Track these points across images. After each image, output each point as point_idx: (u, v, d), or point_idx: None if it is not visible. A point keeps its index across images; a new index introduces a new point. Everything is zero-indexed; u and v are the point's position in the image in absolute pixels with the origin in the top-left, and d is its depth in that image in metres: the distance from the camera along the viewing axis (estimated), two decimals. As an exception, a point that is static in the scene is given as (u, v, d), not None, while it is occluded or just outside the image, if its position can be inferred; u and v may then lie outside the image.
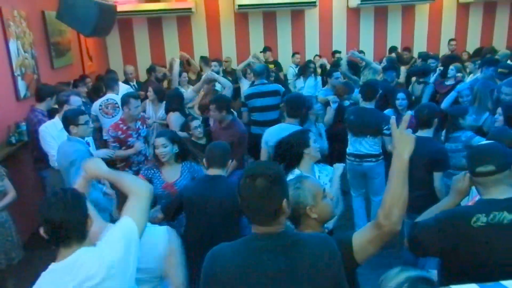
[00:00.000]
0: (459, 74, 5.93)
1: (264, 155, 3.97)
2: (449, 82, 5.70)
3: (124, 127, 4.33)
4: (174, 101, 4.90)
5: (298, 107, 4.03)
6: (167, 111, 4.94)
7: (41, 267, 1.82)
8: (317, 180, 2.53)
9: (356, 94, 5.13)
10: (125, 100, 4.33)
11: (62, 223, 1.70)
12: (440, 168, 3.43)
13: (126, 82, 6.85)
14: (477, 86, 4.66)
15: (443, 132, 4.12)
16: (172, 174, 3.35)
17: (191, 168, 3.41)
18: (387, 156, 4.00)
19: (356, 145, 4.36)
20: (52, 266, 1.74)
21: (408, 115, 1.95)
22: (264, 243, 1.58)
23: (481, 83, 4.73)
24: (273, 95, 5.20)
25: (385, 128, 4.13)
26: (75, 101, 4.19)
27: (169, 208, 2.98)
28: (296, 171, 2.81)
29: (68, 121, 3.62)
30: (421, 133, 3.53)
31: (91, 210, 1.89)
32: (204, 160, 3.02)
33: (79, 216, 1.75)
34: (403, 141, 1.71)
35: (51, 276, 1.71)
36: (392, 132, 1.78)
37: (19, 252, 3.58)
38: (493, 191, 1.93)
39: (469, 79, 5.89)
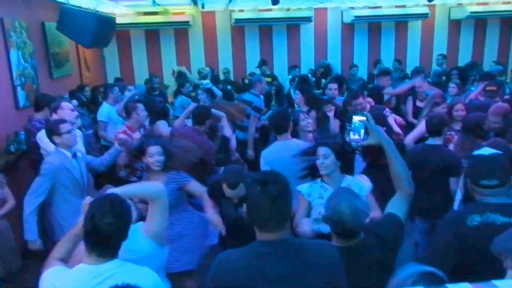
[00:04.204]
0: None
1: None
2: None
3: (132, 134, 4.27)
4: (160, 115, 4.86)
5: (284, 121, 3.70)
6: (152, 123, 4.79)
7: (38, 276, 1.85)
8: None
9: None
10: (132, 105, 4.38)
11: (107, 232, 1.75)
12: (454, 174, 3.40)
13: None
14: None
15: None
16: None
17: (177, 176, 3.28)
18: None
19: None
20: (82, 266, 1.79)
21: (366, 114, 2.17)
22: (268, 249, 1.61)
23: None
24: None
25: None
26: (66, 105, 4.16)
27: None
28: (318, 181, 2.90)
29: (50, 131, 3.42)
30: (432, 141, 3.63)
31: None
32: None
33: (125, 228, 1.81)
34: (380, 130, 2.08)
35: (80, 275, 1.76)
36: (370, 127, 2.06)
37: (17, 260, 3.60)
38: (491, 199, 2.00)
39: None
